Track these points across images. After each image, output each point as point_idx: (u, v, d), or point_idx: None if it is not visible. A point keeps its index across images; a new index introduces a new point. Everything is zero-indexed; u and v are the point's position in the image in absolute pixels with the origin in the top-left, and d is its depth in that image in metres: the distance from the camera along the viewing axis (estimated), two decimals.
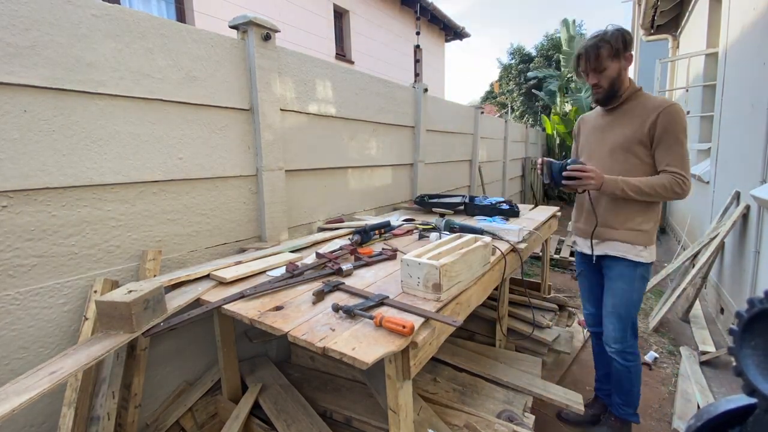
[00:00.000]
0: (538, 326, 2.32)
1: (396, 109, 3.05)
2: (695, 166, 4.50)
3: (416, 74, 3.92)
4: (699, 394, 2.10)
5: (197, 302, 1.34)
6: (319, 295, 1.27)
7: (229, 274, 1.45)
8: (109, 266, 1.44)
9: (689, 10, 5.28)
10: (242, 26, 1.81)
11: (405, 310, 1.14)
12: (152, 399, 1.59)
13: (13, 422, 1.24)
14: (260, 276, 1.52)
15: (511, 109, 17.47)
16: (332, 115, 2.39)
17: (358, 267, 1.57)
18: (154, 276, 1.47)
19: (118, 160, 1.43)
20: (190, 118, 1.64)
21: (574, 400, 1.75)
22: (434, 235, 1.91)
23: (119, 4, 4.04)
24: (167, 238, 1.60)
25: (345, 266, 1.51)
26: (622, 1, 10.69)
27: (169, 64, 1.54)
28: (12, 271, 1.21)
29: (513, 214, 2.54)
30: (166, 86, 1.54)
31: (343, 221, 2.45)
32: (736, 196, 2.94)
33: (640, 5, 6.21)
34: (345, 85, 2.47)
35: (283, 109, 2.02)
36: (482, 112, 4.90)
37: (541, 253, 3.17)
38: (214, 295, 1.34)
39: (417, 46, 4.13)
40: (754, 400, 0.36)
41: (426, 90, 3.37)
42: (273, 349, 2.01)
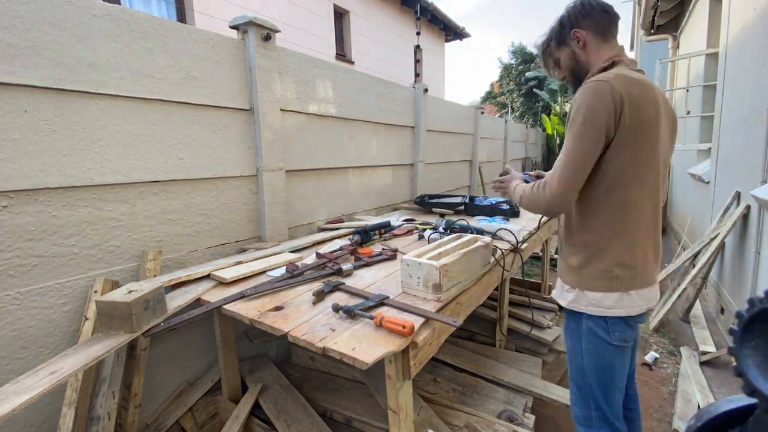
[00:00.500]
0: (538, 326, 2.31)
1: (396, 110, 3.05)
2: (695, 166, 4.49)
3: (416, 74, 3.92)
4: (699, 395, 2.09)
5: (197, 302, 1.34)
6: (320, 295, 1.27)
7: (229, 275, 1.46)
8: (109, 266, 1.44)
9: (689, 10, 5.28)
10: (242, 26, 1.81)
11: (405, 311, 1.14)
12: (152, 399, 1.59)
13: (13, 422, 1.24)
14: (260, 276, 1.52)
15: (511, 109, 17.45)
16: (332, 115, 2.39)
17: (358, 267, 1.57)
18: (155, 276, 1.47)
19: (119, 161, 1.43)
20: (191, 118, 1.64)
21: None
22: (434, 235, 1.91)
23: (119, 4, 4.05)
24: (167, 239, 1.60)
25: (345, 266, 1.51)
26: (623, 1, 10.70)
27: (170, 64, 1.54)
28: (12, 271, 1.21)
29: (513, 214, 2.54)
30: (167, 86, 1.54)
31: (343, 221, 2.45)
32: (737, 197, 2.94)
33: (640, 5, 6.21)
34: (345, 85, 2.47)
35: (283, 109, 2.02)
36: (482, 113, 4.91)
37: (541, 254, 3.17)
38: (215, 295, 1.34)
39: (417, 46, 4.13)
40: (754, 400, 0.36)
41: (426, 90, 3.37)
42: (273, 349, 2.01)
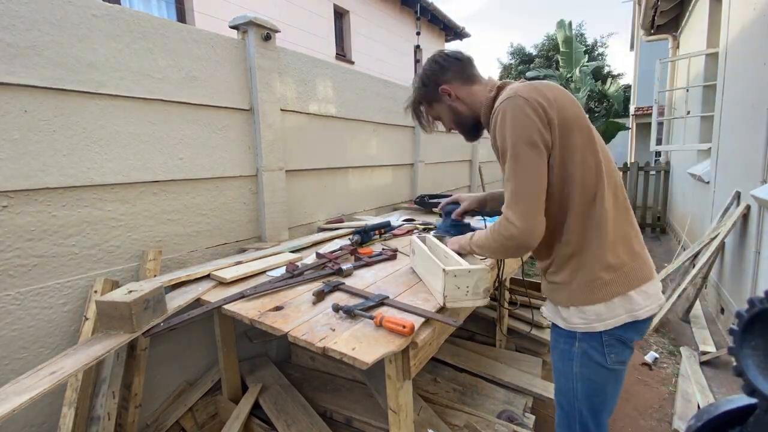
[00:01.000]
0: (538, 326, 2.32)
1: (396, 109, 3.05)
2: (695, 166, 4.49)
3: (416, 74, 3.93)
4: (699, 394, 2.09)
5: (197, 302, 1.34)
6: (319, 296, 1.27)
7: (229, 275, 1.46)
8: (109, 266, 1.44)
9: (689, 10, 5.28)
10: (242, 26, 1.81)
11: (405, 310, 1.14)
12: (152, 399, 1.59)
13: (14, 422, 1.24)
14: (260, 276, 1.51)
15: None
16: (332, 115, 2.39)
17: (358, 267, 1.57)
18: (155, 276, 1.47)
19: (119, 161, 1.43)
20: (191, 118, 1.64)
21: None
22: (419, 239, 1.58)
23: (119, 4, 4.05)
24: (167, 239, 1.60)
25: (345, 266, 1.51)
26: (623, 1, 10.71)
27: (170, 64, 1.54)
28: (12, 271, 1.21)
29: None
30: (167, 86, 1.54)
31: (343, 221, 2.45)
32: (737, 196, 2.94)
33: (640, 5, 6.21)
34: (345, 85, 2.47)
35: (283, 109, 2.02)
36: None
37: None
38: (215, 295, 1.34)
39: (417, 46, 4.13)
40: (754, 400, 0.36)
41: None
42: (273, 349, 2.01)
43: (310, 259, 1.67)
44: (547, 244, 1.05)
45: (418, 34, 4.64)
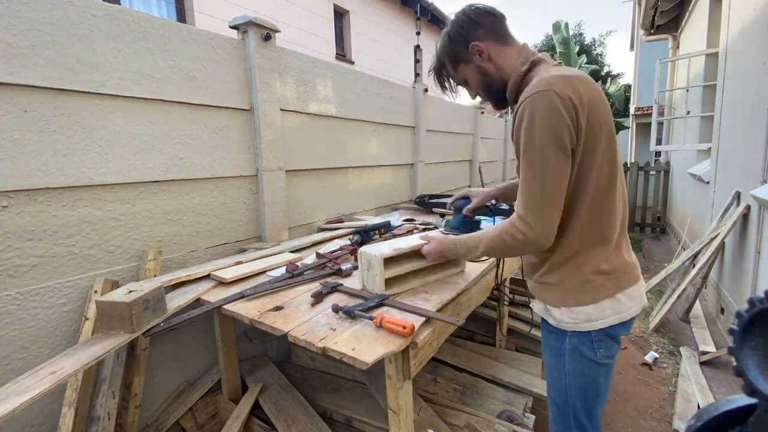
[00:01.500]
0: (538, 326, 2.31)
1: (396, 109, 3.05)
2: (695, 166, 4.49)
3: (416, 74, 3.92)
4: (699, 394, 2.09)
5: (197, 302, 1.34)
6: (318, 297, 1.27)
7: (229, 275, 1.46)
8: (109, 266, 1.44)
9: (689, 10, 5.28)
10: (242, 26, 1.81)
11: (405, 310, 1.14)
12: (152, 399, 1.59)
13: (13, 422, 1.24)
14: (260, 276, 1.51)
15: (511, 108, 17.47)
16: (332, 115, 2.39)
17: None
18: (155, 276, 1.47)
19: (119, 160, 1.43)
20: (191, 119, 1.64)
21: None
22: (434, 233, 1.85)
23: (119, 4, 4.05)
24: (167, 238, 1.60)
25: (345, 266, 1.51)
26: (623, 1, 10.71)
27: (170, 64, 1.54)
28: (12, 271, 1.21)
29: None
30: (167, 86, 1.54)
31: (343, 221, 2.45)
32: (737, 196, 2.94)
33: (640, 5, 6.21)
34: (345, 85, 2.47)
35: (283, 109, 2.02)
36: (482, 113, 4.90)
37: None
38: (215, 295, 1.34)
39: (417, 46, 4.13)
40: (754, 400, 0.36)
41: (426, 90, 3.37)
42: (273, 349, 2.01)
43: (310, 259, 1.67)
44: (548, 250, 1.02)
45: (418, 34, 4.64)
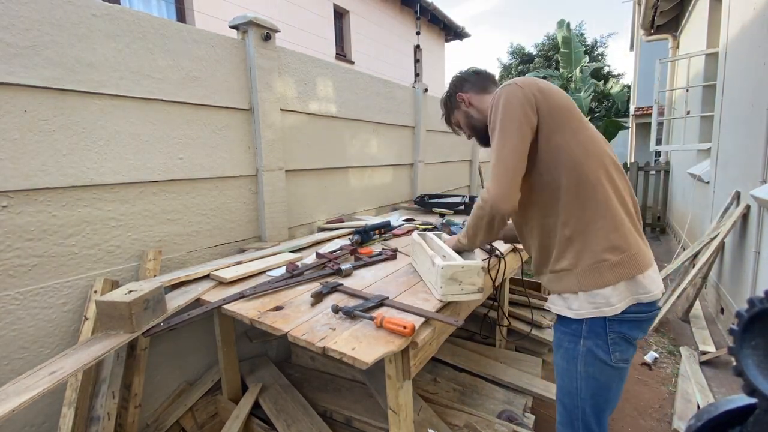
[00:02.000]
0: (538, 326, 2.31)
1: (396, 109, 3.05)
2: (695, 166, 4.49)
3: (416, 74, 3.92)
4: (699, 394, 2.09)
5: (197, 302, 1.34)
6: (318, 297, 1.27)
7: (229, 274, 1.46)
8: (109, 266, 1.44)
9: (689, 10, 5.28)
10: (242, 26, 1.81)
11: (405, 311, 1.14)
12: (152, 399, 1.59)
13: (13, 422, 1.24)
14: (260, 276, 1.52)
15: None
16: (332, 115, 2.39)
17: (358, 267, 1.57)
18: (154, 276, 1.47)
19: (119, 160, 1.43)
20: (190, 118, 1.64)
21: None
22: (419, 236, 1.60)
23: (119, 4, 4.04)
24: (167, 238, 1.60)
25: (345, 266, 1.51)
26: (623, 1, 10.71)
27: (170, 64, 1.54)
28: (12, 271, 1.21)
29: None
30: (167, 86, 1.54)
31: (343, 221, 2.45)
32: (736, 196, 2.94)
33: (640, 5, 6.21)
34: (345, 85, 2.47)
35: (283, 109, 2.02)
36: None
37: None
38: (214, 295, 1.34)
39: (417, 46, 4.12)
40: (754, 400, 0.36)
41: (426, 90, 3.37)
42: (273, 349, 2.01)
43: (310, 259, 1.67)
44: (547, 232, 1.07)
45: (418, 33, 4.63)
